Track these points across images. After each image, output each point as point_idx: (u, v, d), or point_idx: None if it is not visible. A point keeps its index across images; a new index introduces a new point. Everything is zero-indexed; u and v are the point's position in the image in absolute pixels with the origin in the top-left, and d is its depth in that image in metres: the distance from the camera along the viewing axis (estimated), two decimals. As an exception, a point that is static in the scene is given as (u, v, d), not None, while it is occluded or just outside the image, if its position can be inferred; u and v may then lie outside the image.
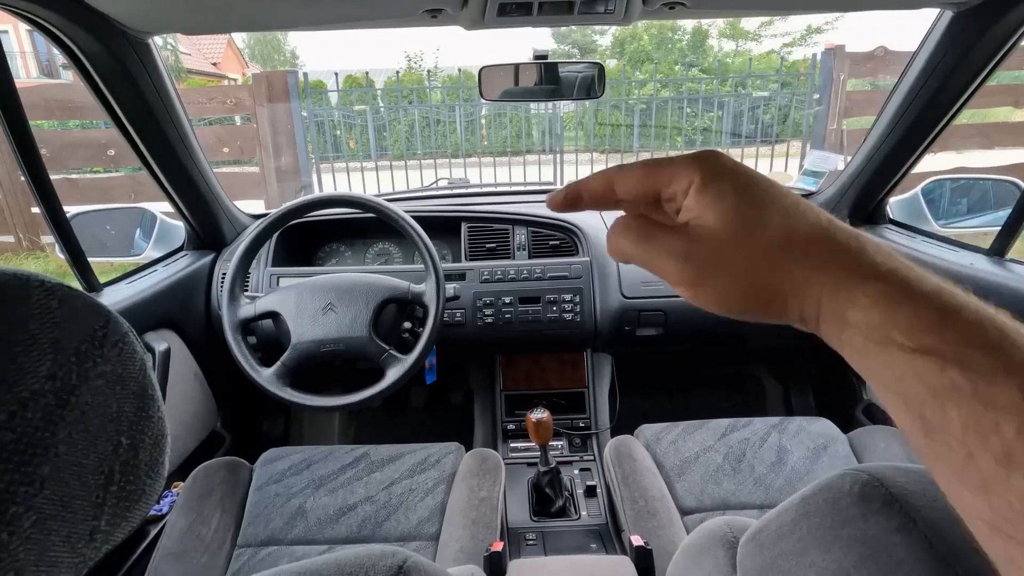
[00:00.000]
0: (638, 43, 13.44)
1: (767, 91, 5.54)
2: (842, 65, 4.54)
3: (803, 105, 5.01)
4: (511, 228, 1.56)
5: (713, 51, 13.46)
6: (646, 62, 11.81)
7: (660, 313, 1.46)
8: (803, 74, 5.11)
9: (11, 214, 4.53)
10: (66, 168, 4.70)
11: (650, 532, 1.02)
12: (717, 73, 5.64)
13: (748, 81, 5.91)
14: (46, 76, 12.00)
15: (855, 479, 0.42)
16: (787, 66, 5.33)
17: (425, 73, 6.07)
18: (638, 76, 8.58)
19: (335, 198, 1.23)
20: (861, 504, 0.40)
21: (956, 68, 1.08)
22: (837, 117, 4.59)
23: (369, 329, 1.15)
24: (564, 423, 1.52)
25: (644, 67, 11.25)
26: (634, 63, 12.18)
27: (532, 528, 1.23)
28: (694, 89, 5.69)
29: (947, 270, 1.21)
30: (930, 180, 1.50)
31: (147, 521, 1.24)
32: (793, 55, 11.06)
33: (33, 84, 8.53)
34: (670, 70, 11.18)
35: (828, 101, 4.61)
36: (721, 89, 5.64)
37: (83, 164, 4.98)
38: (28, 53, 13.57)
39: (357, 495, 1.12)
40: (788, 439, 1.23)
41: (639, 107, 5.25)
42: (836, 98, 4.56)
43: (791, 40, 13.19)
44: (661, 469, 1.18)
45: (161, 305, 1.27)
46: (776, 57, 6.12)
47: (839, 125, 4.62)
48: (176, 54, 10.54)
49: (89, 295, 0.32)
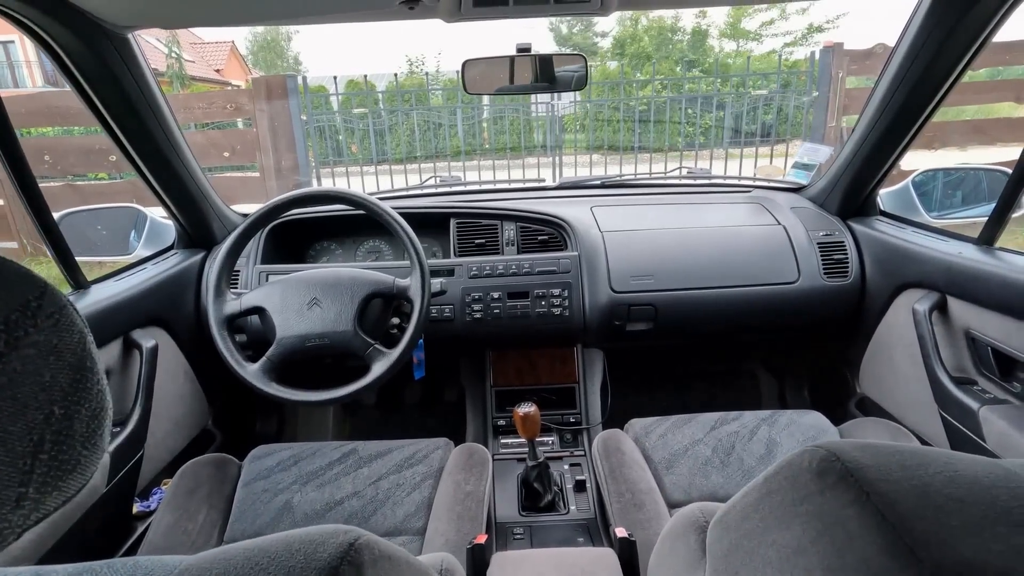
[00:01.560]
0: (638, 44, 13.45)
1: (767, 90, 5.53)
2: (840, 62, 4.53)
3: (803, 104, 5.00)
4: (500, 223, 1.56)
5: (714, 52, 13.45)
6: (647, 63, 11.81)
7: (650, 307, 1.45)
8: (803, 72, 5.10)
9: (14, 220, 4.59)
10: (69, 174, 4.75)
11: (636, 524, 1.01)
12: (716, 72, 5.63)
13: (748, 80, 5.89)
14: (51, 85, 12.12)
15: (813, 455, 0.41)
16: (787, 65, 5.31)
17: (425, 76, 6.10)
18: (638, 77, 8.58)
19: (321, 193, 1.23)
20: (818, 480, 0.39)
21: (939, 53, 1.07)
22: (836, 114, 4.59)
23: (354, 323, 1.15)
24: (555, 418, 1.51)
25: (645, 68, 11.25)
26: (634, 64, 12.19)
27: (520, 523, 1.22)
28: (694, 89, 5.68)
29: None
30: (920, 172, 1.49)
31: (135, 518, 1.24)
32: (794, 55, 11.04)
33: (36, 92, 8.62)
34: (671, 71, 11.17)
35: (827, 98, 4.60)
36: (721, 89, 5.63)
37: (86, 170, 5.03)
38: (33, 63, 13.74)
39: (344, 490, 1.12)
40: (778, 432, 1.22)
41: (639, 108, 5.25)
42: (835, 95, 4.55)
43: (792, 40, 13.17)
44: (649, 462, 1.17)
45: (149, 303, 1.27)
46: (776, 57, 6.10)
47: (838, 122, 4.61)
48: (180, 61, 10.61)
49: (23, 266, 0.32)
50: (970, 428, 1.09)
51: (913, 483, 0.35)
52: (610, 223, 1.56)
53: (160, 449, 1.29)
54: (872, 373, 1.47)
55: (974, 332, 1.14)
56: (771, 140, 5.42)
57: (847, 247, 1.47)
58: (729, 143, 5.26)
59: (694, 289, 1.45)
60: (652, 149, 5.39)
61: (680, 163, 5.07)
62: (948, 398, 1.15)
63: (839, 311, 1.48)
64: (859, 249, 1.47)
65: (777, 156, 5.31)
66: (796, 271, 1.45)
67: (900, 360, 1.32)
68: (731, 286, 1.45)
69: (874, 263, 1.43)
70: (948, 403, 1.15)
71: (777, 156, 5.31)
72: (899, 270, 1.33)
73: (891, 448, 0.39)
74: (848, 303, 1.46)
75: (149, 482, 1.27)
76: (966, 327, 1.16)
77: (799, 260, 1.46)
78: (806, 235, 1.49)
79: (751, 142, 5.31)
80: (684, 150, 5.25)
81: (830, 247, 1.47)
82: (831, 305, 1.46)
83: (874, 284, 1.42)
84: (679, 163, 5.23)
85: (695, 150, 5.34)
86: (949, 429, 1.16)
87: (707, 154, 5.30)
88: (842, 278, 1.45)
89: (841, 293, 1.45)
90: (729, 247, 1.49)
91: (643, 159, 5.42)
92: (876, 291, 1.42)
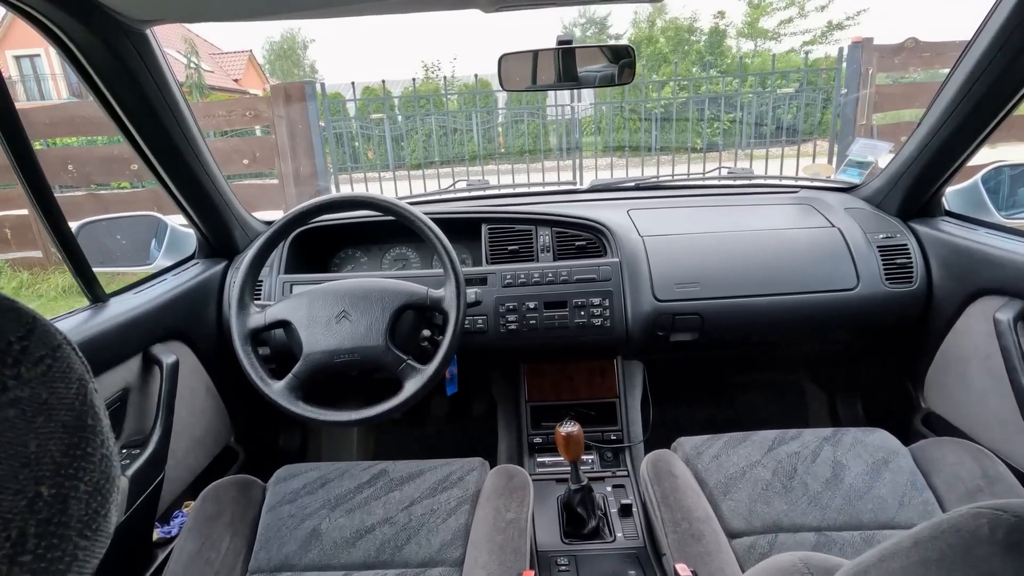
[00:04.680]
0: (655, 46, 13.35)
1: (790, 88, 5.38)
2: (870, 58, 4.39)
3: (829, 102, 4.85)
4: (534, 229, 1.48)
5: (732, 52, 13.29)
6: (663, 64, 11.70)
7: (696, 317, 1.36)
8: (827, 70, 4.95)
9: (39, 229, 4.63)
10: (93, 183, 4.79)
11: (696, 558, 0.92)
12: (739, 71, 5.49)
13: (769, 80, 5.76)
14: (76, 97, 12.39)
15: (995, 522, 0.32)
16: (809, 64, 5.16)
17: (442, 81, 6.06)
18: (655, 78, 8.47)
19: (347, 199, 1.16)
20: (1007, 555, 0.30)
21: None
22: (867, 112, 4.43)
23: (385, 338, 1.07)
24: (594, 436, 1.42)
25: (661, 70, 11.14)
26: (651, 66, 12.08)
27: (563, 552, 1.14)
28: (714, 89, 5.56)
29: (1019, 263, 1.09)
30: (990, 168, 1.38)
31: (156, 545, 1.18)
32: (814, 53, 10.88)
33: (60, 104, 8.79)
34: (688, 72, 11.04)
35: (855, 95, 4.45)
36: (742, 88, 5.50)
37: (109, 179, 5.06)
38: (59, 75, 14.08)
39: (375, 516, 1.05)
40: (843, 453, 1.12)
41: (657, 110, 5.15)
42: (865, 92, 4.40)
43: (811, 39, 12.97)
44: (704, 487, 1.08)
45: (170, 316, 1.21)
46: (796, 56, 5.95)
47: (868, 120, 4.46)
48: (199, 71, 10.78)
49: (7, 296, 0.24)
50: None
51: None
52: (650, 227, 1.47)
53: (181, 469, 1.23)
54: (941, 387, 1.36)
55: None
56: (796, 140, 5.27)
57: (911, 250, 1.36)
58: (758, 142, 5.11)
59: (743, 297, 1.35)
60: (674, 150, 5.27)
61: (719, 163, 4.92)
62: None
63: (903, 320, 1.37)
64: (924, 252, 1.36)
65: (804, 156, 5.14)
66: (855, 277, 1.34)
67: (976, 373, 1.21)
68: (784, 293, 1.35)
69: (942, 267, 1.32)
70: None
71: (804, 156, 5.14)
72: (972, 275, 1.22)
73: None
74: (913, 311, 1.35)
75: (170, 505, 1.21)
76: None
77: (857, 265, 1.35)
78: (864, 238, 1.39)
79: (789, 140, 5.14)
80: (711, 151, 5.12)
81: (892, 250, 1.37)
82: (894, 313, 1.35)
83: (943, 290, 1.31)
84: (703, 164, 5.09)
85: (719, 151, 5.22)
86: None
87: (733, 153, 5.16)
88: (907, 284, 1.34)
89: (905, 300, 1.34)
90: (779, 251, 1.39)
91: (665, 160, 5.31)
92: (945, 298, 1.30)
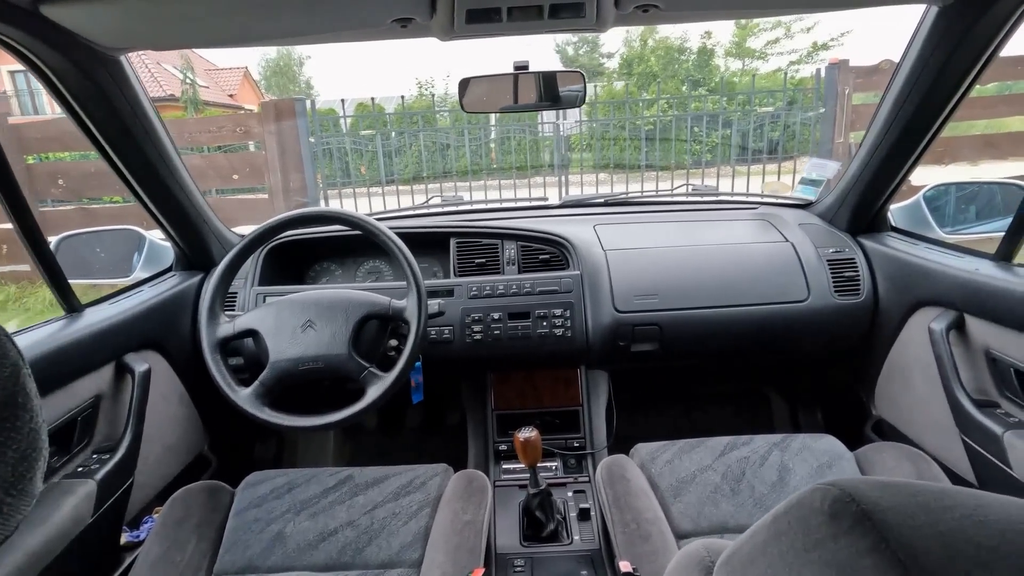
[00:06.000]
0: (645, 64, 13.61)
1: (773, 107, 5.52)
2: (847, 78, 4.52)
3: (810, 120, 4.98)
4: (500, 243, 1.53)
5: (719, 71, 13.55)
6: (653, 83, 11.92)
7: (655, 327, 1.41)
8: (809, 90, 5.09)
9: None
10: (84, 198, 4.81)
11: (641, 557, 0.96)
12: (722, 90, 5.63)
13: (754, 98, 5.91)
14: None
15: (826, 494, 0.38)
16: (793, 83, 5.31)
17: (432, 98, 6.16)
18: (645, 96, 8.63)
19: (317, 214, 1.22)
20: (831, 523, 0.35)
21: (946, 66, 1.05)
22: (844, 130, 4.56)
23: (349, 346, 1.12)
24: (558, 443, 1.46)
25: (651, 88, 11.34)
26: (641, 84, 12.30)
27: (521, 554, 1.17)
28: (700, 108, 5.69)
29: (953, 276, 1.16)
30: (932, 186, 1.45)
31: (124, 548, 1.21)
32: (800, 73, 11.10)
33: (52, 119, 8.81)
34: (676, 90, 11.26)
35: (833, 114, 4.58)
36: (728, 107, 5.64)
37: (101, 193, 5.09)
38: (54, 90, 14.08)
39: (339, 519, 1.08)
40: (790, 457, 1.17)
41: (646, 127, 5.26)
42: (842, 111, 4.53)
43: (798, 58, 13.25)
44: (656, 490, 1.12)
45: (144, 326, 1.26)
46: (782, 75, 6.11)
47: (845, 138, 4.58)
48: (195, 86, 10.87)
49: None
50: (994, 454, 1.03)
51: (938, 529, 0.31)
52: (613, 241, 1.53)
53: (152, 476, 1.26)
54: (888, 395, 1.41)
55: (994, 352, 1.08)
56: (778, 157, 5.39)
57: (858, 264, 1.43)
58: (736, 160, 5.23)
59: (700, 308, 1.41)
60: (659, 167, 5.38)
61: (687, 180, 5.05)
62: (969, 422, 1.09)
63: (852, 330, 1.43)
64: (871, 266, 1.42)
65: (785, 172, 5.27)
66: (806, 289, 1.41)
67: (917, 381, 1.27)
68: (738, 305, 1.41)
69: (886, 280, 1.38)
70: (970, 427, 1.09)
71: (785, 172, 5.27)
72: (913, 287, 1.28)
73: (913, 488, 0.35)
74: (861, 322, 1.41)
75: (140, 510, 1.24)
76: (986, 347, 1.11)
77: (808, 277, 1.42)
78: (815, 252, 1.45)
79: (758, 159, 5.28)
80: (691, 168, 5.24)
81: (840, 264, 1.43)
82: (843, 324, 1.41)
83: (887, 302, 1.38)
84: (685, 180, 5.21)
85: (702, 167, 5.32)
86: (972, 455, 1.10)
87: (714, 171, 5.27)
88: (854, 296, 1.40)
89: (853, 311, 1.40)
90: (735, 265, 1.45)
91: (650, 177, 5.41)
92: (889, 309, 1.37)
